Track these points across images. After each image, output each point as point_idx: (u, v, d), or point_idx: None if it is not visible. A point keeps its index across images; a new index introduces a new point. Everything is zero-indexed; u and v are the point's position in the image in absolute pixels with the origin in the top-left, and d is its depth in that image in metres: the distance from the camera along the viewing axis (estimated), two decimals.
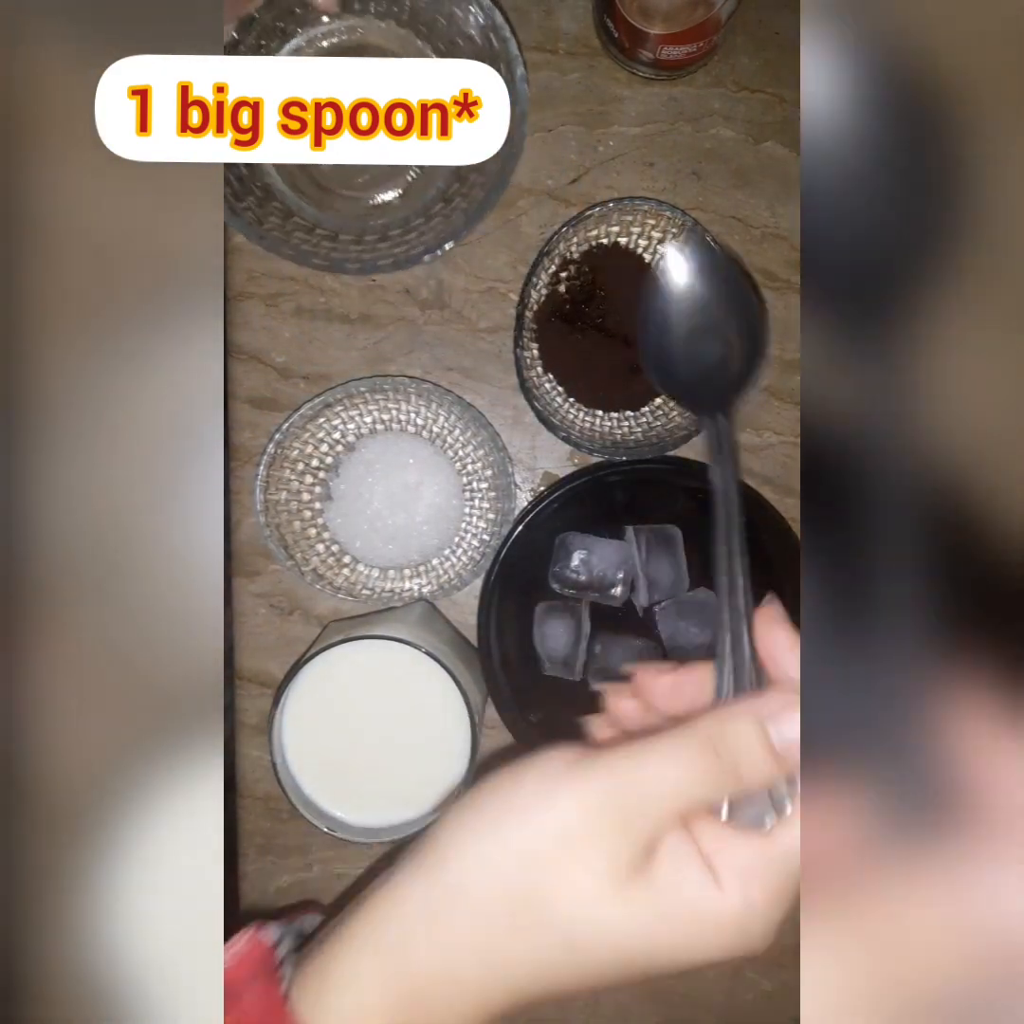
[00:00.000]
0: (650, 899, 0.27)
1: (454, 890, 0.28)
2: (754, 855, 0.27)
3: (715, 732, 0.28)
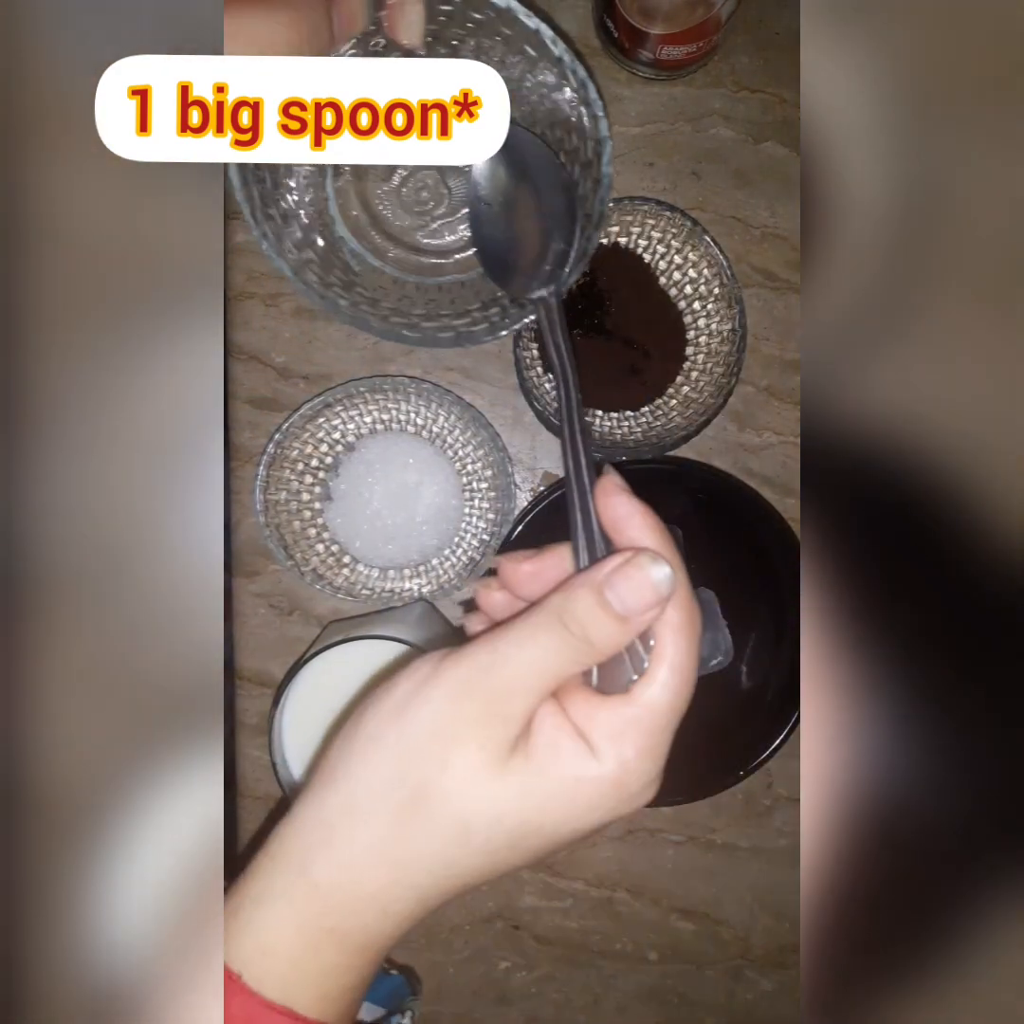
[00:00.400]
0: (531, 775, 0.28)
1: (344, 804, 0.28)
2: (620, 717, 0.28)
3: (560, 607, 0.28)
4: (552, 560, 0.32)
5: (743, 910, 0.59)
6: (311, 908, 0.28)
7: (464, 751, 0.27)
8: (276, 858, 0.29)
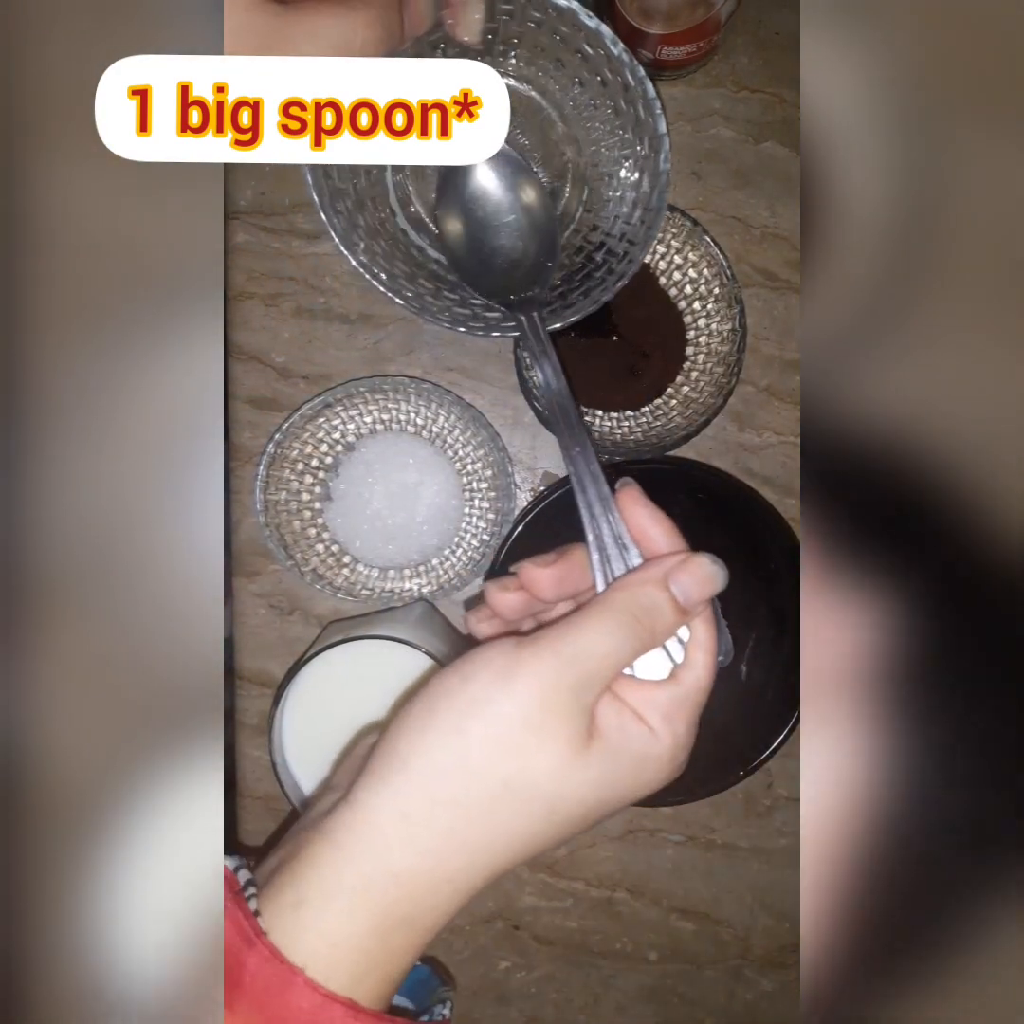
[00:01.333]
0: (607, 758, 0.30)
1: (425, 791, 0.29)
2: (669, 699, 0.32)
3: (632, 604, 0.32)
4: (572, 564, 0.35)
5: (743, 910, 0.59)
6: (387, 897, 0.29)
7: (554, 742, 0.29)
8: (347, 849, 0.29)
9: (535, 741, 0.29)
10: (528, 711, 0.29)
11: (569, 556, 0.35)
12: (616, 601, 0.32)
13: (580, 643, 0.30)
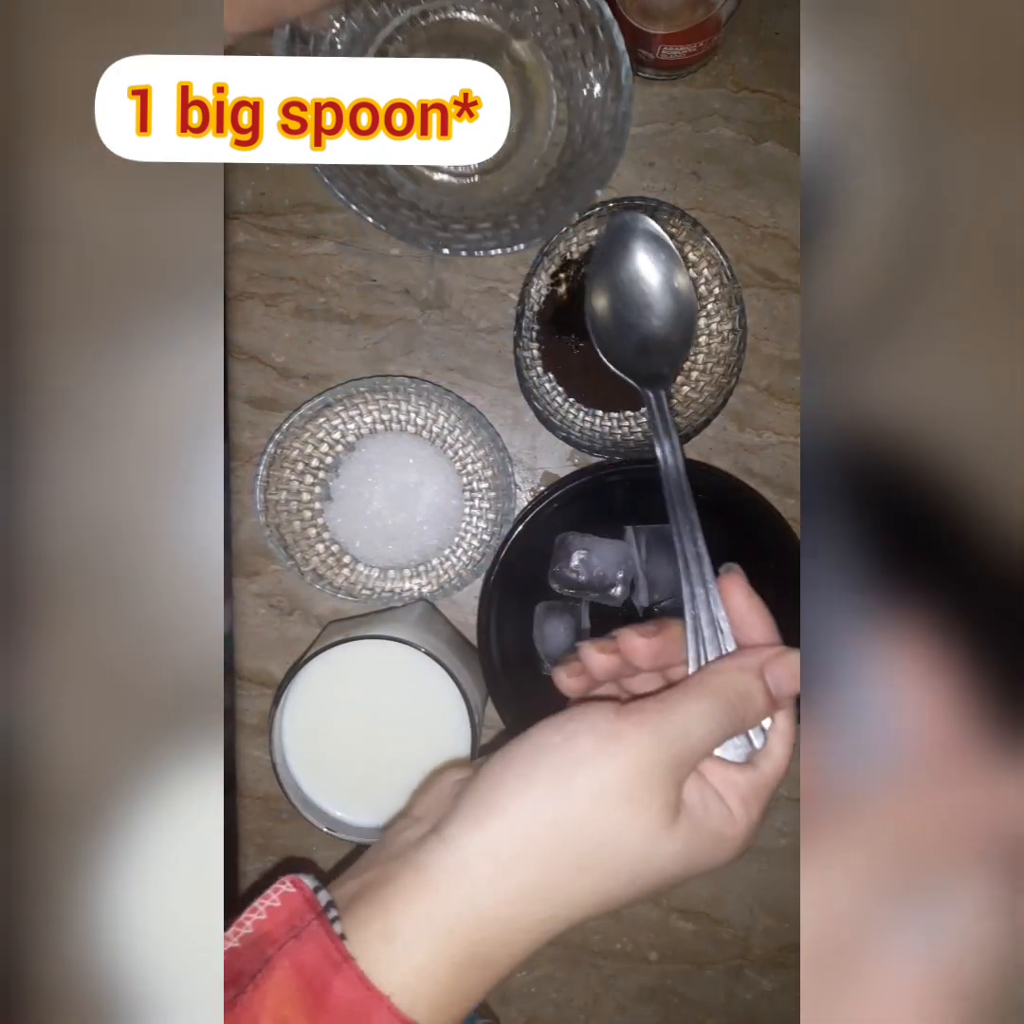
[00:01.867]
0: (690, 833, 0.32)
1: (522, 840, 0.30)
2: (748, 783, 0.33)
3: (729, 688, 0.33)
4: (669, 639, 0.36)
5: (743, 910, 0.59)
6: (470, 938, 0.30)
7: (647, 814, 0.31)
8: (440, 887, 0.30)
9: (630, 810, 0.31)
10: (627, 780, 0.31)
11: (667, 631, 0.36)
12: (715, 685, 0.34)
13: (679, 723, 0.32)
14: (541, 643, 0.53)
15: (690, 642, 0.36)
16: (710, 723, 0.32)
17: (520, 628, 0.53)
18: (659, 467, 0.38)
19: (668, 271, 0.39)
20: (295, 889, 0.30)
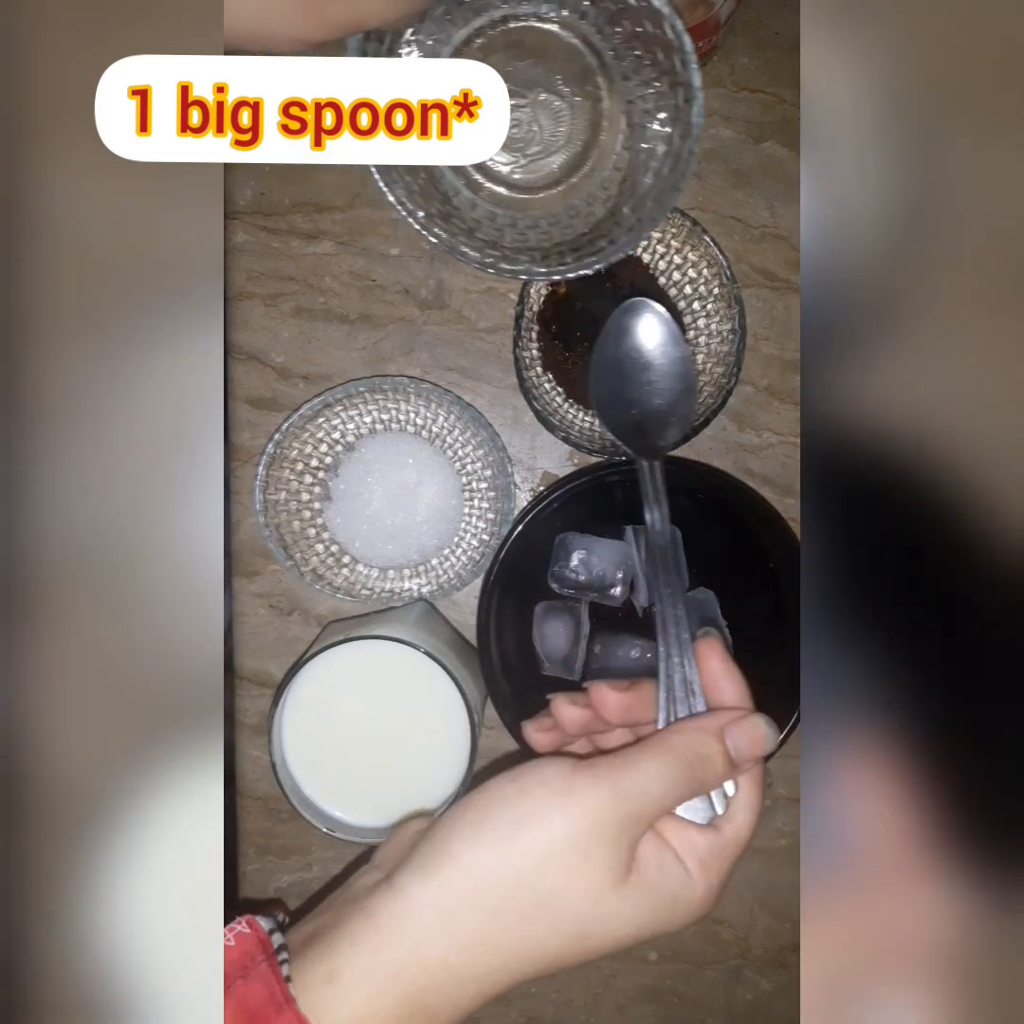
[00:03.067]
0: (644, 894, 0.31)
1: (470, 890, 0.30)
2: (708, 847, 0.33)
3: (688, 750, 0.33)
4: (641, 696, 0.37)
5: (743, 910, 0.59)
6: (415, 985, 0.30)
7: (596, 869, 0.30)
8: (385, 932, 0.30)
9: (579, 864, 0.30)
10: (577, 834, 0.31)
11: (640, 688, 0.37)
12: (673, 744, 0.33)
13: (635, 780, 0.32)
14: (541, 643, 0.53)
15: (662, 701, 0.36)
16: (667, 782, 0.32)
17: (520, 628, 0.53)
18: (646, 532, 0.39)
19: (672, 352, 0.40)
20: (250, 930, 0.31)
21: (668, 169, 0.46)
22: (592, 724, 0.37)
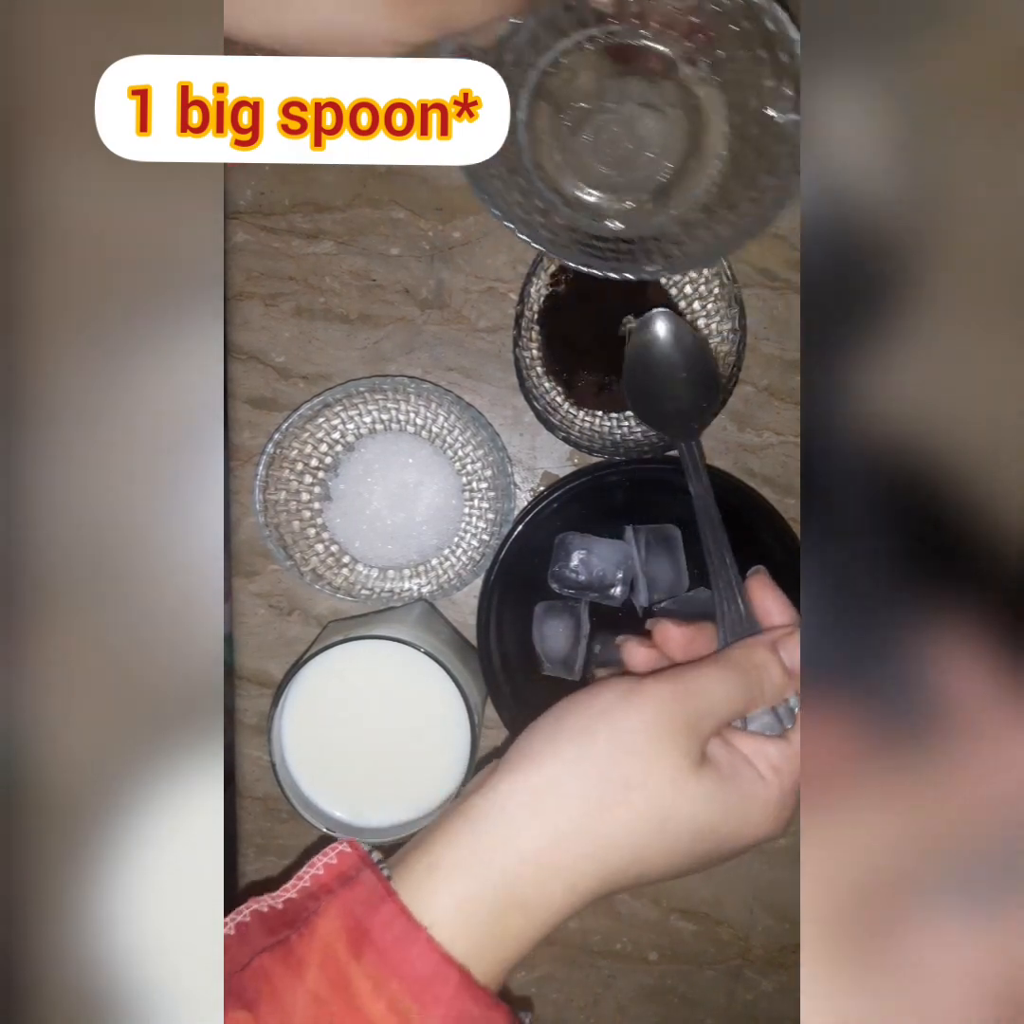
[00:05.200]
0: (718, 784, 0.33)
1: (553, 784, 0.32)
2: (780, 753, 0.34)
3: (744, 659, 0.35)
4: (702, 631, 0.39)
5: (743, 910, 0.59)
6: (509, 875, 0.31)
7: (671, 754, 0.32)
8: (480, 828, 0.32)
9: (654, 752, 0.32)
10: (650, 725, 0.32)
11: (701, 625, 0.39)
12: (730, 655, 0.36)
13: (698, 681, 0.34)
14: (541, 643, 0.53)
15: (720, 636, 0.39)
16: (727, 685, 0.34)
17: (520, 628, 0.53)
18: (691, 498, 0.43)
19: (693, 351, 0.46)
20: (351, 849, 0.33)
21: (785, 154, 0.44)
22: (659, 661, 0.38)
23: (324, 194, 0.55)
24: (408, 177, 0.55)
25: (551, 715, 0.34)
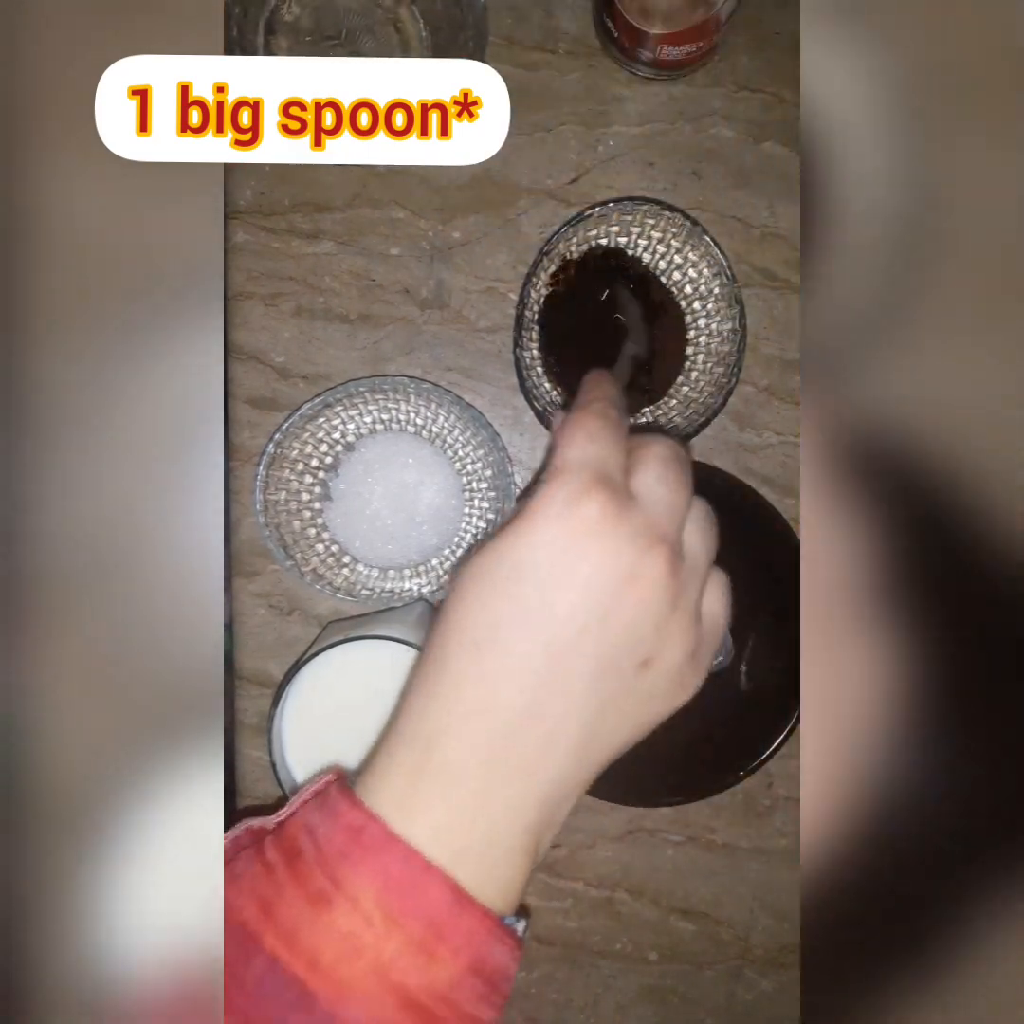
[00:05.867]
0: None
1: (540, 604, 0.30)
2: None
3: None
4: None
5: (743, 910, 0.59)
6: (492, 728, 0.30)
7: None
8: (459, 693, 0.31)
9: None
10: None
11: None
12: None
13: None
14: None
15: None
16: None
17: None
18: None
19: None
20: (335, 777, 0.33)
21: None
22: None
23: (324, 194, 0.55)
24: (408, 177, 0.55)
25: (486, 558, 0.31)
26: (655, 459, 0.32)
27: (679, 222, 0.50)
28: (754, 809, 0.58)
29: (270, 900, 0.29)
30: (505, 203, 0.55)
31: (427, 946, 0.28)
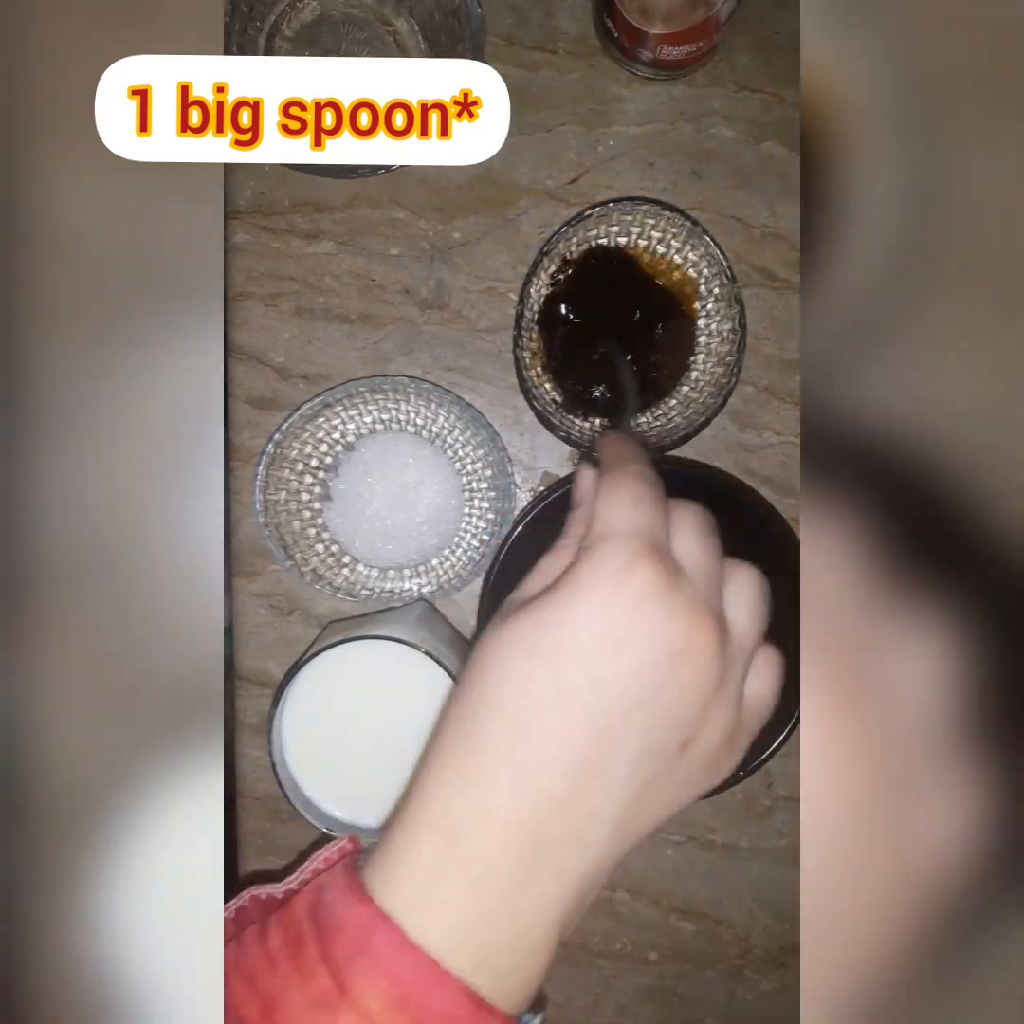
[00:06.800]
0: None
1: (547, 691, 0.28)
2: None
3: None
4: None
5: (743, 910, 0.59)
6: (516, 816, 0.28)
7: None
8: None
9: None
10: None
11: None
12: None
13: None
14: None
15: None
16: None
17: None
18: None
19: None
20: (351, 845, 0.32)
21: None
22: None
23: (324, 194, 0.55)
24: (408, 177, 0.55)
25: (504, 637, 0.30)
26: (692, 526, 0.31)
27: (679, 222, 0.50)
28: (754, 809, 0.58)
29: (273, 997, 0.27)
30: (505, 203, 0.55)
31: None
